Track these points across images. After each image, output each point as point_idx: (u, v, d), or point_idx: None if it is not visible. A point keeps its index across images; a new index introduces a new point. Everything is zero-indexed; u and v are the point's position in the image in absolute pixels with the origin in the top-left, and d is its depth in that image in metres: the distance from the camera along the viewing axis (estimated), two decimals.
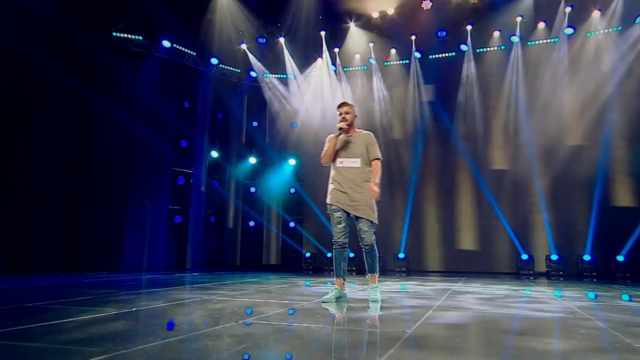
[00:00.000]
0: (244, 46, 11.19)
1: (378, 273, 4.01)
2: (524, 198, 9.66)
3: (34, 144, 8.55)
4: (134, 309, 3.37)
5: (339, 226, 3.91)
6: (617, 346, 2.34)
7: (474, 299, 4.47)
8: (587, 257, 8.86)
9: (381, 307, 3.89)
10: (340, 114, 4.00)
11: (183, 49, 10.50)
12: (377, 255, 3.99)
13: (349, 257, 4.13)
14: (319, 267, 10.52)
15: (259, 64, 11.56)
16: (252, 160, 12.03)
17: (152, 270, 9.29)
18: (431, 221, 10.48)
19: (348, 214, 3.90)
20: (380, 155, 4.01)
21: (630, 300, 4.75)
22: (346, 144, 4.02)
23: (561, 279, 8.59)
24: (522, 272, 9.32)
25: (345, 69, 11.51)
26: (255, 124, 12.32)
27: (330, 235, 3.99)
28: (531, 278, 8.67)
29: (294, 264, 11.11)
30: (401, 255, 10.25)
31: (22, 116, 8.45)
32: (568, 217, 9.29)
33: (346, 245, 3.93)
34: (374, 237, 3.88)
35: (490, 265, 9.83)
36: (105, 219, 9.31)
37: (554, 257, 9.14)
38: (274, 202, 11.88)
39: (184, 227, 10.58)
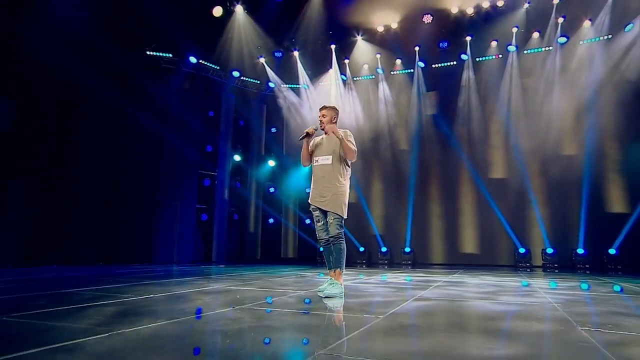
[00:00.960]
0: (262, 60, 11.52)
1: (343, 270, 3.77)
2: (521, 195, 9.70)
3: (79, 152, 9.06)
4: (150, 296, 3.60)
5: (318, 224, 3.85)
6: (562, 329, 2.45)
7: (459, 289, 4.55)
8: (580, 251, 8.90)
9: (371, 294, 4.10)
10: (319, 117, 3.98)
11: (208, 64, 10.89)
12: (343, 250, 3.76)
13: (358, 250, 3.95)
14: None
15: (276, 76, 11.86)
16: (271, 163, 12.37)
17: (181, 262, 9.64)
18: (435, 218, 10.62)
19: (324, 210, 3.80)
20: (352, 145, 3.81)
21: (621, 291, 4.68)
22: (321, 144, 3.95)
23: (556, 270, 8.66)
24: (519, 264, 9.42)
25: (354, 78, 11.77)
26: (274, 130, 12.69)
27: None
28: (528, 270, 8.75)
29: (309, 257, 11.44)
30: (407, 250, 10.47)
31: (69, 126, 8.94)
32: (563, 213, 9.32)
33: (329, 241, 3.76)
34: (339, 230, 3.72)
35: (490, 258, 9.91)
36: (140, 217, 9.73)
37: (549, 250, 9.20)
38: (291, 201, 12.22)
39: (210, 224, 10.91)
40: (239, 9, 9.80)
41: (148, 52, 10.22)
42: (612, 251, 8.63)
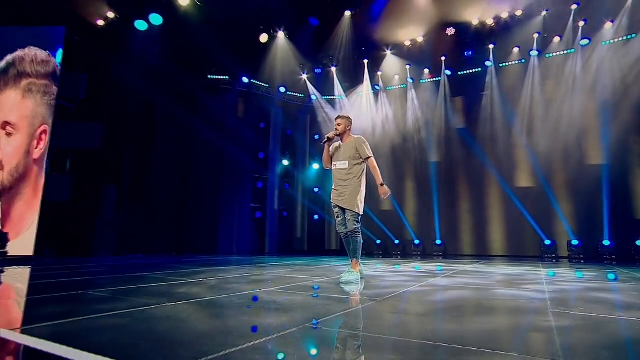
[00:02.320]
0: (304, 76, 12.01)
1: (359, 260, 3.90)
2: (547, 188, 9.33)
3: (155, 162, 10.01)
4: (200, 279, 3.89)
5: (338, 220, 3.97)
6: (532, 308, 2.51)
7: (466, 278, 4.43)
8: (606, 242, 8.45)
9: (384, 278, 4.27)
10: (335, 125, 4.10)
11: (257, 82, 11.51)
12: (360, 243, 3.87)
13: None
14: (368, 252, 11.07)
15: (316, 90, 12.25)
16: (316, 166, 12.75)
17: (239, 253, 10.21)
18: (464, 213, 10.50)
19: (342, 208, 3.89)
20: (370, 154, 3.92)
21: None
22: (338, 150, 4.07)
23: (582, 262, 8.28)
24: (545, 255, 9.09)
25: (387, 88, 11.89)
26: (317, 137, 13.08)
27: (375, 227, 3.86)
28: (553, 261, 8.45)
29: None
30: (438, 242, 10.47)
31: (147, 141, 9.92)
32: (588, 206, 8.83)
33: (349, 234, 3.89)
34: (356, 225, 3.83)
35: (517, 249, 9.65)
36: (205, 215, 10.50)
37: (575, 242, 8.80)
38: None
39: (263, 221, 11.46)
40: (280, 34, 10.34)
41: (209, 76, 11.04)
42: (639, 243, 8.13)
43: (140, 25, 8.75)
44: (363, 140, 3.99)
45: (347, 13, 9.61)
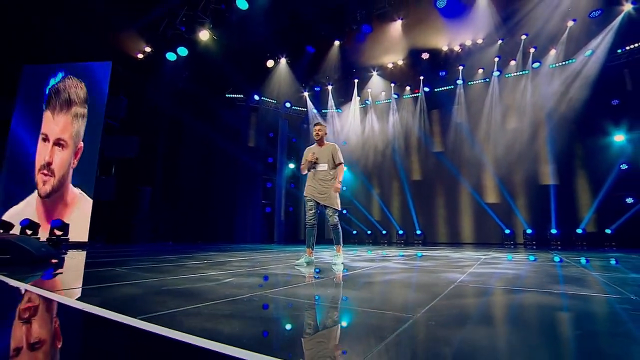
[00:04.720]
0: (305, 93, 12.75)
1: (342, 245, 3.91)
2: (506, 186, 9.92)
3: (182, 168, 10.80)
4: (205, 261, 4.06)
5: (310, 212, 3.88)
6: (442, 283, 3.08)
7: (421, 261, 4.74)
8: (554, 231, 9.04)
9: (350, 261, 4.93)
10: (315, 130, 3.98)
11: (266, 98, 12.25)
12: (340, 232, 3.88)
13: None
14: (360, 240, 11.83)
15: (314, 105, 12.98)
16: None
17: (252, 242, 10.83)
18: (440, 208, 11.09)
19: (317, 202, 3.88)
20: (342, 160, 3.94)
21: (587, 263, 4.16)
22: (318, 153, 4.01)
23: (534, 247, 8.80)
24: (505, 242, 9.69)
25: (376, 102, 12.59)
26: None
27: (366, 220, 4.01)
28: (512, 247, 8.96)
29: (345, 238, 12.37)
30: (418, 232, 11.09)
31: (175, 150, 10.70)
32: (541, 202, 9.41)
33: (315, 225, 3.87)
34: (337, 219, 3.84)
35: (484, 237, 10.23)
36: (224, 211, 11.22)
37: (529, 231, 9.41)
38: None
39: (271, 215, 12.16)
40: (283, 60, 11.17)
41: (227, 95, 11.81)
42: (579, 231, 8.74)
43: (170, 56, 9.62)
44: (337, 148, 3.98)
45: (336, 42, 10.38)
